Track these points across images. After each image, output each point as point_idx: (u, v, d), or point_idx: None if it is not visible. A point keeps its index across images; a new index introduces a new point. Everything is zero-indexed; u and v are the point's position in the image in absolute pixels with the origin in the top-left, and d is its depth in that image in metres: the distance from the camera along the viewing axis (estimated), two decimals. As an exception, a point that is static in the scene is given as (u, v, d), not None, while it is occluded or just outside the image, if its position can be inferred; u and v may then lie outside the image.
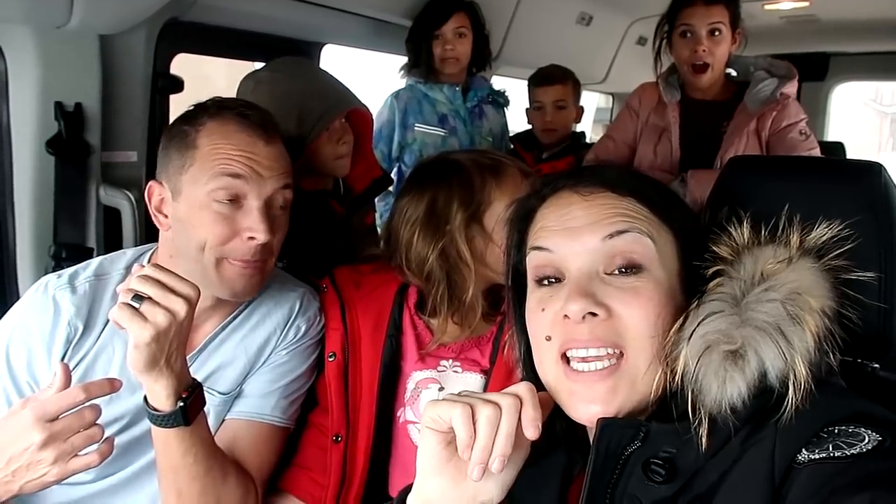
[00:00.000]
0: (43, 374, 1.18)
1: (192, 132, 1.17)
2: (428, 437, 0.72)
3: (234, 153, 1.15)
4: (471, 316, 1.29)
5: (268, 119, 1.21)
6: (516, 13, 2.85)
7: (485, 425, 0.68)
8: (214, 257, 1.16)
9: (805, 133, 2.14)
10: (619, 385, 0.73)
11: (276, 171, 1.18)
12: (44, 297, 1.20)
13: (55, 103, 1.52)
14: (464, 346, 1.31)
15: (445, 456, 0.72)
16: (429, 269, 1.27)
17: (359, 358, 1.32)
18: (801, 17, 3.35)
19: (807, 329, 0.67)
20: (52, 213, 1.58)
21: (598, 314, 0.72)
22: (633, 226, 0.75)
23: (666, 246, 0.76)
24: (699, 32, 2.12)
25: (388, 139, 2.47)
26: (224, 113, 1.18)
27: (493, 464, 0.68)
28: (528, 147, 2.72)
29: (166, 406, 1.03)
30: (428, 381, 1.32)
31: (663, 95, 2.25)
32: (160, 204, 1.22)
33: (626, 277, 0.74)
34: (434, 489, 0.73)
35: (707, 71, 2.14)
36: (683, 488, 0.68)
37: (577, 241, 0.76)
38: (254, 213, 1.15)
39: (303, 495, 1.34)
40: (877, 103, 16.67)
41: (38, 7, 1.39)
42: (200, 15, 1.84)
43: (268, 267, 1.22)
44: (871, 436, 0.62)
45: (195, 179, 1.16)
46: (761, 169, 0.99)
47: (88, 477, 1.24)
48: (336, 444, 1.32)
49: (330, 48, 2.47)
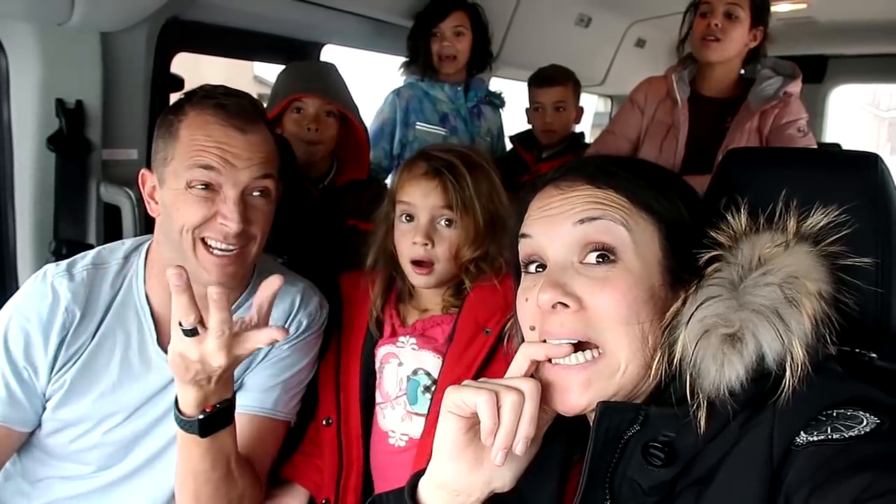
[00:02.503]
0: (40, 359, 1.19)
1: (176, 122, 1.18)
2: (449, 421, 0.74)
3: (208, 145, 1.15)
4: (424, 300, 1.39)
5: (247, 107, 1.21)
6: (515, 14, 2.86)
7: (509, 411, 0.70)
8: (192, 238, 1.16)
9: (803, 130, 2.15)
10: (594, 378, 0.74)
11: (253, 161, 1.18)
12: (42, 284, 1.21)
13: (56, 100, 1.54)
14: (426, 325, 1.37)
15: (464, 442, 0.73)
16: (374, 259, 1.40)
17: (350, 347, 1.40)
18: (798, 19, 3.36)
19: (804, 312, 0.67)
20: (52, 210, 1.60)
21: (569, 305, 0.74)
22: (606, 213, 0.75)
23: (643, 235, 0.76)
24: (717, 9, 2.12)
25: (389, 137, 2.47)
26: (204, 102, 1.18)
27: (517, 446, 0.70)
28: (528, 147, 2.72)
29: (188, 412, 1.04)
30: (389, 355, 1.38)
31: (674, 90, 2.25)
32: (152, 191, 1.24)
33: (598, 267, 0.75)
34: (449, 473, 0.74)
35: (717, 44, 2.13)
36: (683, 472, 0.68)
37: (553, 227, 0.78)
38: (229, 202, 1.16)
39: (305, 482, 1.36)
40: (874, 107, 16.70)
41: (39, 4, 1.40)
42: (201, 14, 1.86)
43: (247, 255, 1.21)
44: (869, 419, 0.62)
45: (175, 171, 1.17)
46: (759, 160, 0.99)
47: (89, 469, 1.24)
48: (328, 426, 1.35)
49: (330, 48, 2.49)
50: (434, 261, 1.31)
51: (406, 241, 1.32)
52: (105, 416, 1.22)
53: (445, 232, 1.31)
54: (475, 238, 1.30)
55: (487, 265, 1.31)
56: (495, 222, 1.32)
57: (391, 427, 1.36)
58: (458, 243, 1.30)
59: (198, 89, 1.23)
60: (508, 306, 1.24)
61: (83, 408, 1.21)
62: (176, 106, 1.22)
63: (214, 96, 1.19)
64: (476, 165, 1.33)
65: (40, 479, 1.27)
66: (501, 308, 1.29)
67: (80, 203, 1.63)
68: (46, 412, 1.22)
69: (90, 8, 1.43)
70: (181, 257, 1.18)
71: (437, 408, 1.28)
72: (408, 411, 1.35)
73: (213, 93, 1.21)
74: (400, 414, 1.35)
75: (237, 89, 1.25)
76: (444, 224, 1.31)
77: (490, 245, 1.31)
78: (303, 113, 1.89)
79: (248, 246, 1.21)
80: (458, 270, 1.33)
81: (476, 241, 1.30)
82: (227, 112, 1.17)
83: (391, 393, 1.37)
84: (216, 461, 1.09)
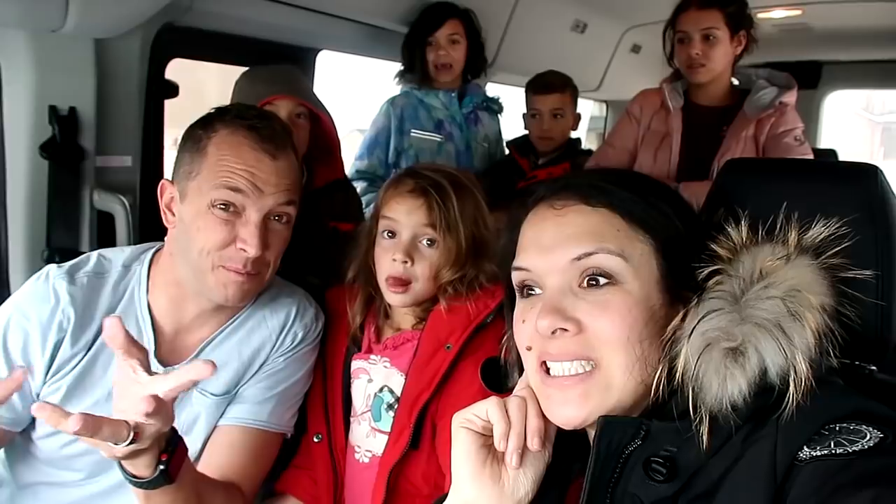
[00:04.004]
0: (37, 359, 1.18)
1: (204, 138, 1.18)
2: (463, 437, 0.77)
3: (237, 167, 1.15)
4: (398, 318, 1.38)
5: (279, 132, 1.21)
6: (511, 20, 2.86)
7: (515, 410, 0.76)
8: (211, 262, 1.17)
9: (800, 139, 2.17)
10: (592, 390, 0.74)
11: (280, 188, 1.18)
12: (45, 285, 1.20)
13: (49, 107, 1.52)
14: (395, 342, 1.36)
15: (481, 458, 0.77)
16: (354, 274, 1.39)
17: (335, 361, 1.40)
18: (793, 25, 3.38)
19: (807, 326, 0.66)
20: (45, 218, 1.58)
21: (569, 329, 0.74)
22: (602, 246, 0.75)
23: (641, 257, 0.76)
24: (694, 37, 2.14)
25: (384, 145, 2.47)
26: (236, 123, 1.18)
27: (532, 442, 0.76)
28: (524, 153, 2.72)
29: (146, 474, 0.95)
30: (359, 370, 1.38)
31: (668, 100, 2.27)
32: (170, 202, 1.23)
33: (597, 290, 0.75)
34: (472, 491, 0.76)
35: (702, 69, 2.17)
36: (684, 487, 0.68)
37: (549, 259, 0.78)
38: (250, 226, 1.16)
39: (301, 494, 1.35)
40: (868, 112, 16.79)
41: (33, 11, 1.39)
42: (196, 20, 1.84)
43: (262, 278, 1.22)
44: (873, 433, 0.62)
45: (200, 188, 1.17)
46: (757, 171, 0.99)
47: (79, 477, 1.23)
48: (319, 443, 1.35)
49: (325, 54, 2.48)
50: (412, 279, 1.29)
51: (386, 258, 1.31)
52: None
53: (426, 251, 1.30)
54: (456, 260, 1.29)
55: (464, 287, 1.30)
56: (477, 246, 1.31)
57: (357, 442, 1.36)
58: (438, 264, 1.29)
59: (230, 107, 1.23)
60: (470, 321, 1.26)
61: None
62: (205, 120, 1.21)
63: (247, 117, 1.19)
64: (463, 187, 1.32)
65: (29, 484, 1.26)
66: (463, 323, 1.28)
67: (73, 211, 1.61)
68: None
69: (84, 15, 1.42)
70: (196, 276, 1.18)
71: (398, 426, 1.28)
72: (372, 428, 1.34)
73: (246, 113, 1.21)
74: (365, 430, 1.35)
75: (269, 111, 1.24)
76: (426, 243, 1.30)
77: (470, 269, 1.30)
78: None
79: (262, 272, 1.21)
80: (435, 291, 1.31)
81: (457, 264, 1.29)
82: (259, 136, 1.17)
83: (358, 408, 1.37)
84: (187, 499, 1.04)
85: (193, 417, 1.25)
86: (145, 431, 0.88)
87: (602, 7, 3.19)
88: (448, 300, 1.31)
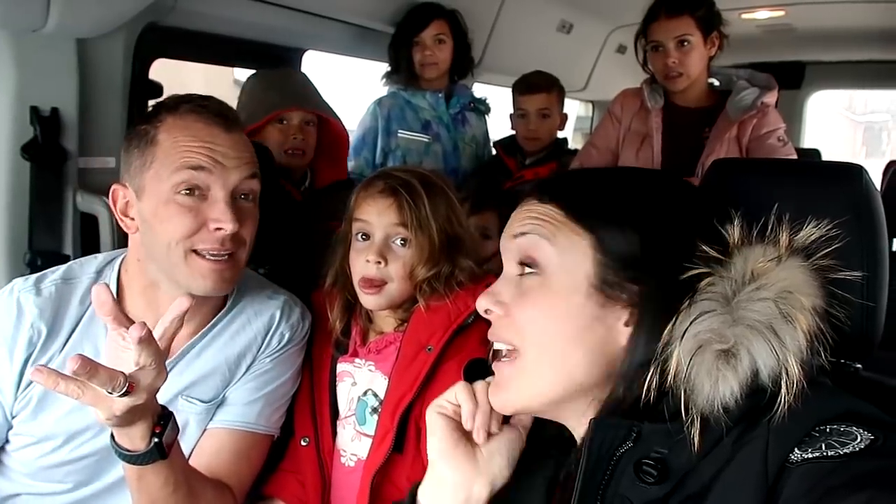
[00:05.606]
0: (5, 375, 1.15)
1: (152, 129, 1.15)
2: (435, 422, 0.83)
3: (194, 145, 1.12)
4: (380, 321, 1.38)
5: (226, 108, 1.20)
6: (497, 20, 2.87)
7: (482, 393, 0.82)
8: (183, 250, 1.13)
9: (783, 140, 2.19)
10: (513, 375, 0.78)
11: (242, 160, 1.16)
12: (9, 299, 1.17)
13: (31, 108, 1.50)
14: (379, 345, 1.36)
15: (454, 439, 0.81)
16: (333, 279, 1.39)
17: (322, 364, 1.39)
18: (777, 26, 3.41)
19: (798, 328, 0.66)
20: (27, 220, 1.55)
21: (494, 311, 0.79)
22: (535, 228, 0.77)
23: (573, 249, 0.75)
24: (667, 45, 2.15)
25: (371, 146, 2.48)
26: (181, 107, 1.16)
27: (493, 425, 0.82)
28: (511, 152, 2.72)
29: (140, 446, 0.96)
30: (344, 374, 1.37)
31: (647, 101, 2.28)
32: (125, 207, 1.19)
33: (524, 278, 0.78)
34: (446, 469, 0.81)
35: (681, 77, 2.18)
36: (675, 489, 0.67)
37: (504, 242, 0.83)
38: (219, 203, 1.13)
39: (288, 497, 1.34)
40: (850, 112, 17.00)
41: (13, 10, 1.37)
42: (180, 20, 1.83)
43: (240, 260, 1.19)
44: (864, 434, 0.61)
45: (158, 175, 1.13)
46: (744, 171, 0.99)
47: (66, 486, 1.21)
48: (306, 446, 1.34)
49: (311, 54, 2.47)
50: (386, 280, 1.29)
51: (360, 260, 1.30)
52: (73, 433, 1.18)
53: (400, 251, 1.30)
54: (430, 257, 1.29)
55: (440, 284, 1.30)
56: (452, 243, 1.31)
57: (343, 446, 1.35)
58: (412, 263, 1.29)
59: (168, 99, 1.21)
60: (451, 322, 1.26)
61: (49, 425, 1.18)
62: (149, 115, 1.19)
63: (191, 100, 1.17)
64: (434, 186, 1.32)
65: (10, 495, 1.23)
66: (444, 325, 1.28)
67: (56, 213, 1.59)
68: (13, 428, 1.18)
69: (66, 14, 1.40)
70: (170, 272, 1.15)
71: (381, 429, 1.27)
72: (357, 431, 1.34)
73: (188, 98, 1.19)
74: (350, 434, 1.34)
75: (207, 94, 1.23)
76: (399, 243, 1.30)
77: (445, 265, 1.30)
78: (287, 124, 1.93)
79: (239, 250, 1.18)
80: (413, 290, 1.31)
81: (430, 261, 1.29)
82: (208, 111, 1.15)
83: (342, 412, 1.36)
84: (177, 480, 1.04)
85: (182, 425, 1.23)
86: (140, 382, 0.88)
87: (588, 7, 3.21)
88: (427, 300, 1.30)
